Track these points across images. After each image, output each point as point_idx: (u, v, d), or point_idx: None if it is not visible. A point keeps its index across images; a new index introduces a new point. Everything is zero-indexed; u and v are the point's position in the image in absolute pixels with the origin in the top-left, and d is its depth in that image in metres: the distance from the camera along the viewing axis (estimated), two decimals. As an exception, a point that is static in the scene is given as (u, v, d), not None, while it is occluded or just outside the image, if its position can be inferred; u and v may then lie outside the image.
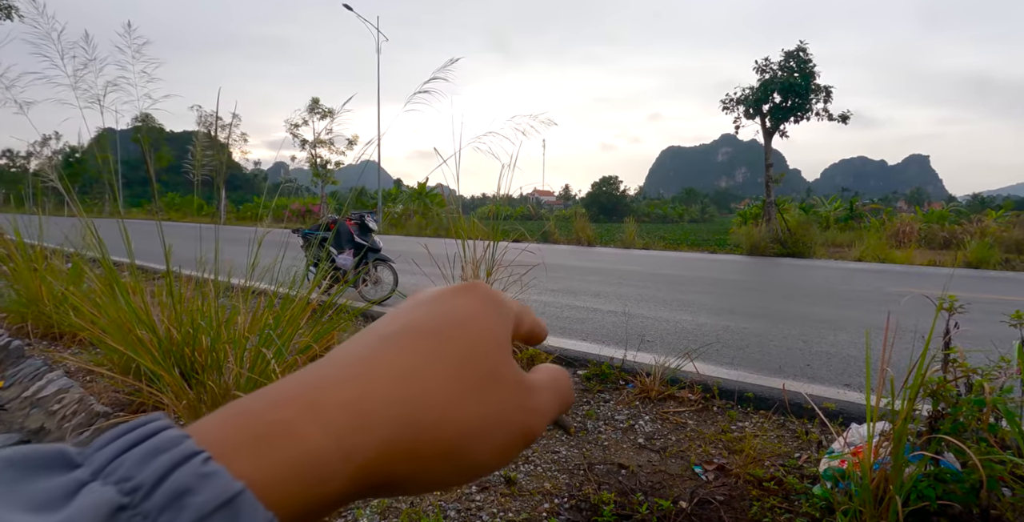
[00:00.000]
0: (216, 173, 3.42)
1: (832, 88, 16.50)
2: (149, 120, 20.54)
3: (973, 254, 13.59)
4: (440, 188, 31.22)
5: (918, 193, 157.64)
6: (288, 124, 27.57)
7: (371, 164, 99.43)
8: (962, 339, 2.73)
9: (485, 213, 22.77)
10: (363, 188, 36.53)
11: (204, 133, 3.31)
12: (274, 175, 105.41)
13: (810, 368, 4.29)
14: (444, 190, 29.37)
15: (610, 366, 4.05)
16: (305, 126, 29.01)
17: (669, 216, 69.95)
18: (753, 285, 9.35)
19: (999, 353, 2.36)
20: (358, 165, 4.33)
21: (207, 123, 33.16)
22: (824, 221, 30.72)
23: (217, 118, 3.18)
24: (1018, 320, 2.53)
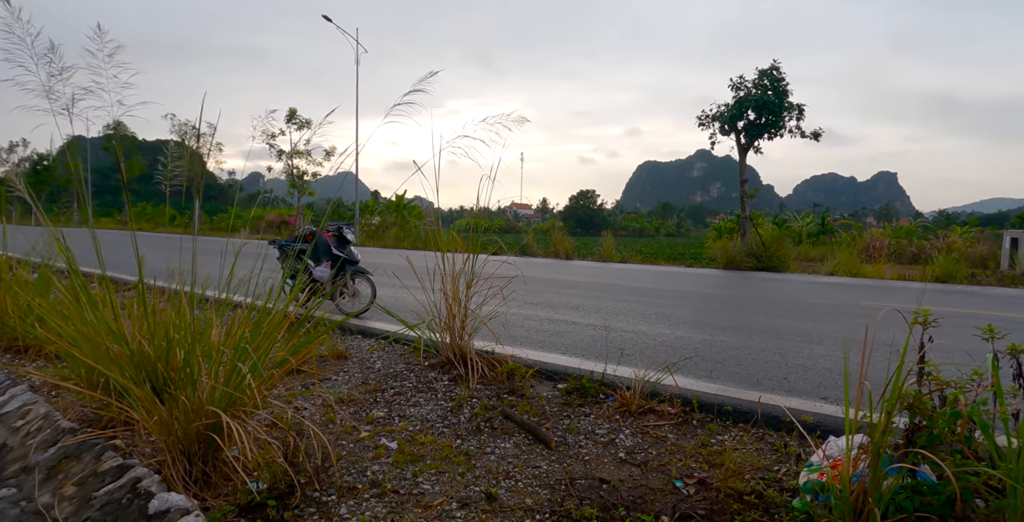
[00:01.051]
0: (190, 183, 3.36)
1: (804, 106, 16.88)
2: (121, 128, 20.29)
3: (941, 269, 13.92)
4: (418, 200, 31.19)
5: (887, 209, 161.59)
6: (264, 134, 27.30)
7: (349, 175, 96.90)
8: (935, 352, 2.78)
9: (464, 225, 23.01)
10: (340, 199, 36.24)
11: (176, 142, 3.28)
12: (250, 185, 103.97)
13: (787, 381, 4.33)
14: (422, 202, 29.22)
15: (590, 380, 4.04)
16: (282, 136, 28.77)
17: (646, 230, 70.56)
18: (730, 299, 9.45)
19: (972, 366, 2.40)
20: (336, 176, 4.28)
21: (181, 132, 32.75)
22: (797, 236, 31.28)
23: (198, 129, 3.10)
24: (990, 334, 2.58)
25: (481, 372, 4.23)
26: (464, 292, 4.51)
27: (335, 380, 4.27)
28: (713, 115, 17.68)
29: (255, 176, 70.66)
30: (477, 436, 3.18)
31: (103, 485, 2.57)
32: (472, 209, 4.76)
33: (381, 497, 2.48)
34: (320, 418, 3.41)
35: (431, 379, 4.27)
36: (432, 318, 4.50)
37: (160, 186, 2.76)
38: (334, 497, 2.46)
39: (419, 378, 4.27)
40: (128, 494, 2.49)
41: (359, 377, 4.33)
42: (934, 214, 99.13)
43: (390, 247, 22.00)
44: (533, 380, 4.29)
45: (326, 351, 4.94)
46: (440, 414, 3.52)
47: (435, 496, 2.49)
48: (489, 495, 2.48)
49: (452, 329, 4.46)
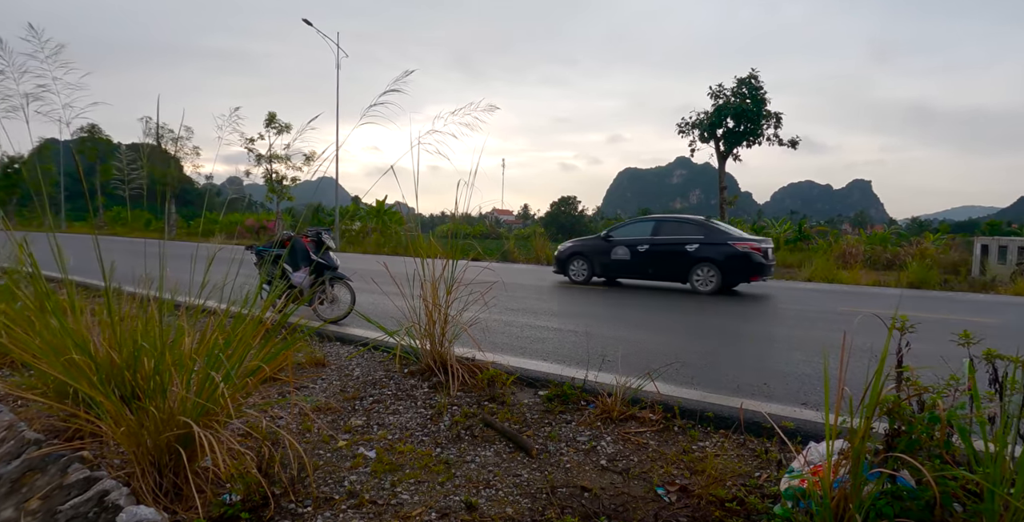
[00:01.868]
0: (164, 186, 3.32)
1: (782, 114, 17.15)
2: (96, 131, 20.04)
3: (915, 275, 14.18)
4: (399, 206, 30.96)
5: (862, 216, 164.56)
6: (242, 137, 26.98)
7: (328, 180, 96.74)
8: (911, 357, 2.80)
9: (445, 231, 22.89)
10: (319, 204, 35.96)
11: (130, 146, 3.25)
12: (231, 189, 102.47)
13: (767, 387, 4.34)
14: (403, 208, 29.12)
15: (571, 386, 4.01)
16: (261, 140, 28.46)
17: (626, 236, 70.99)
18: (709, 305, 9.51)
19: (949, 371, 2.42)
20: (315, 181, 4.25)
21: (157, 135, 32.24)
22: (775, 242, 31.72)
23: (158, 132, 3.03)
24: (966, 339, 2.61)
25: (462, 379, 4.18)
26: (444, 298, 4.47)
27: (313, 388, 4.19)
28: (693, 122, 17.88)
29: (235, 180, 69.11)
30: (457, 444, 3.13)
31: (69, 498, 2.48)
32: (452, 214, 4.71)
33: (359, 508, 2.42)
34: (297, 427, 3.34)
35: (411, 386, 4.21)
36: (412, 324, 4.45)
37: (128, 190, 2.69)
38: (310, 508, 2.40)
39: (399, 385, 4.21)
40: (95, 507, 2.40)
41: (337, 385, 4.26)
42: (907, 221, 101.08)
43: (370, 253, 21.84)
44: (514, 387, 4.25)
45: (304, 358, 4.86)
46: (420, 422, 3.47)
47: (414, 506, 2.44)
48: (469, 505, 2.44)
49: (432, 335, 4.41)
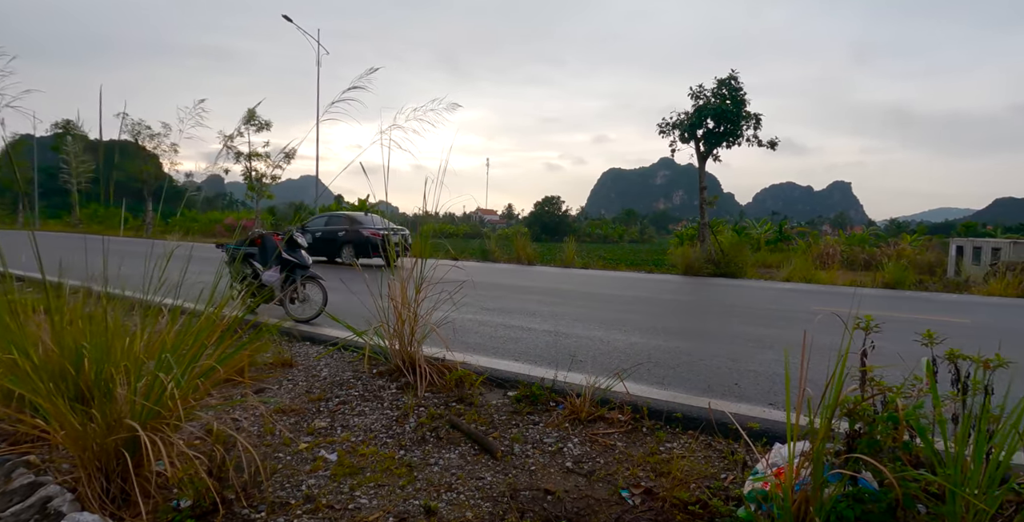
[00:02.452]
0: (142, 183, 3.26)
1: (761, 116, 17.25)
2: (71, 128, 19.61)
3: (890, 275, 14.35)
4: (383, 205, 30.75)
5: (841, 217, 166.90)
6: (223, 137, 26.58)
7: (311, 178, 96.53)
8: (879, 357, 2.79)
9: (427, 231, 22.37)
10: (302, 203, 35.65)
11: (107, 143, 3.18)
12: (211, 188, 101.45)
13: (738, 387, 4.33)
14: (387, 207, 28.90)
15: (540, 387, 3.97)
16: (241, 138, 28.10)
17: (610, 236, 71.22)
18: (686, 304, 9.53)
19: (914, 372, 2.41)
20: (298, 179, 4.15)
21: (135, 132, 31.71)
22: (755, 243, 32.00)
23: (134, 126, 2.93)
24: (928, 339, 2.60)
25: (430, 380, 4.12)
26: (414, 297, 4.41)
27: (278, 389, 4.11)
28: (673, 123, 17.93)
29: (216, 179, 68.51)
30: (422, 446, 3.07)
31: (11, 504, 2.39)
32: (424, 212, 4.65)
33: (314, 513, 2.35)
34: (258, 429, 3.26)
35: (378, 387, 4.14)
36: (381, 324, 4.38)
37: (67, 185, 2.60)
38: (263, 514, 2.33)
39: (366, 386, 4.14)
40: (36, 514, 2.31)
41: (304, 386, 4.18)
42: (886, 222, 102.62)
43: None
44: (483, 388, 4.20)
45: (271, 359, 4.77)
46: (385, 424, 3.40)
47: (372, 511, 2.38)
48: (428, 509, 2.38)
49: (401, 335, 4.34)
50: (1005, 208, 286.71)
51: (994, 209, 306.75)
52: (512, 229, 59.54)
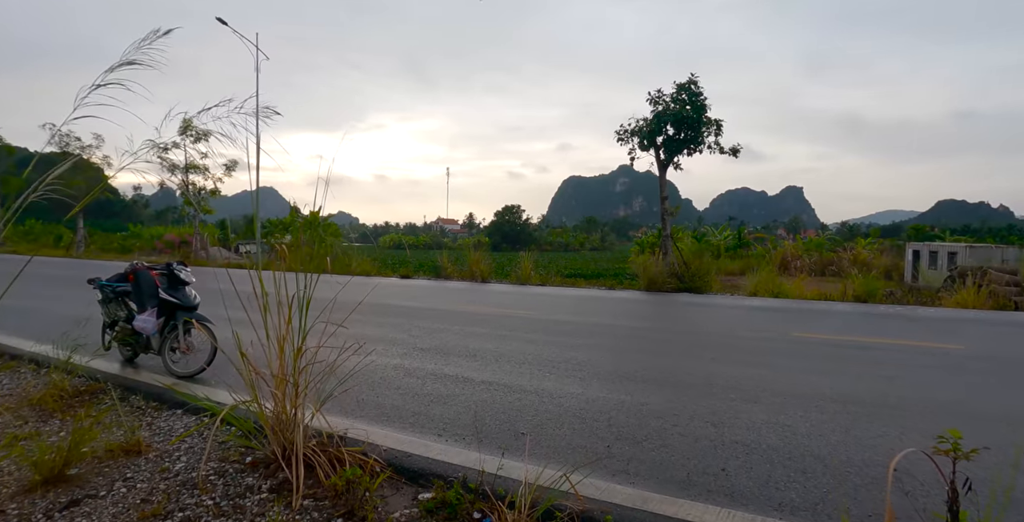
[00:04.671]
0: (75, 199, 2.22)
1: (723, 121, 16.54)
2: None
3: (860, 287, 13.70)
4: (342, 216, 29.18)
5: (795, 221, 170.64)
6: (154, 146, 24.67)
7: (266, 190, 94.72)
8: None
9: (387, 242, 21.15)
10: (255, 216, 33.79)
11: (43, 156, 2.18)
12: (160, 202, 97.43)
13: (726, 474, 3.27)
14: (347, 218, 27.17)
15: (463, 487, 2.86)
16: (176, 149, 26.19)
17: (571, 244, 70.65)
18: (651, 334, 8.52)
19: None
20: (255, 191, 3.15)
21: (63, 144, 29.43)
22: (716, 250, 31.61)
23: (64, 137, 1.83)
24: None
25: (316, 477, 2.99)
26: (297, 341, 3.24)
27: (104, 497, 2.91)
28: (632, 130, 17.08)
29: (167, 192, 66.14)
30: None
31: None
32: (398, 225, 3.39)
33: None
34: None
35: (245, 489, 2.99)
36: (251, 393, 3.21)
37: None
38: None
39: (228, 488, 2.97)
40: None
41: (143, 489, 2.99)
42: (837, 226, 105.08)
43: (295, 270, 20.12)
44: (387, 487, 3.06)
45: (123, 439, 3.57)
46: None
47: None
48: None
49: (278, 407, 3.17)
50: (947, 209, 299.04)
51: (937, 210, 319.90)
52: (473, 239, 58.33)
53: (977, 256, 20.36)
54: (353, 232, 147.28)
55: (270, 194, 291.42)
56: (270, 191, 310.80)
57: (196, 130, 26.46)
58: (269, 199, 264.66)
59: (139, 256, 30.38)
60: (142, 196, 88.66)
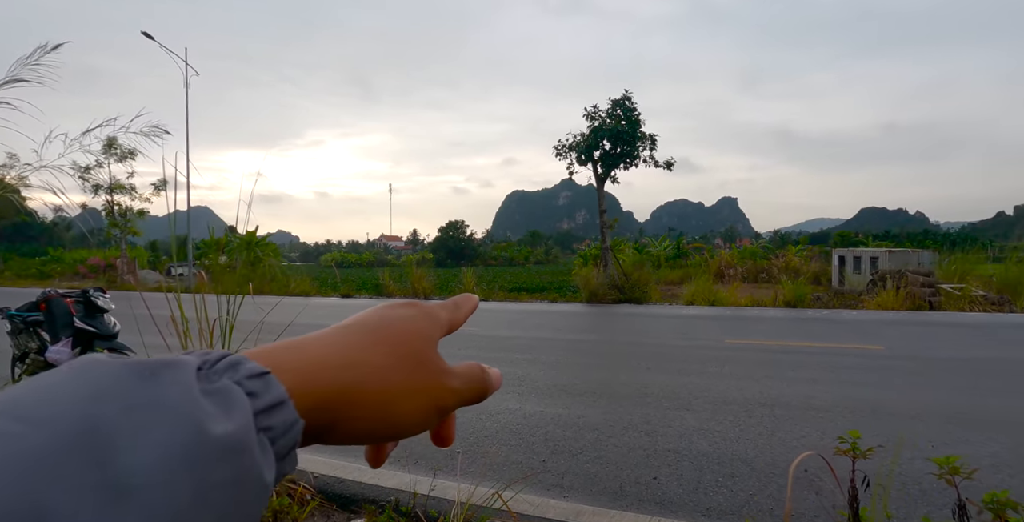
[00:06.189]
0: None
1: (657, 136, 17.07)
2: None
3: (789, 293, 14.31)
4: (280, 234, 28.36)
5: (731, 231, 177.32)
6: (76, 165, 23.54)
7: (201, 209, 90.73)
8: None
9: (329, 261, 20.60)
10: (187, 237, 32.52)
11: None
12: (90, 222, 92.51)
13: (658, 483, 3.34)
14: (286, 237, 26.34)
15: (395, 511, 2.82)
16: (99, 168, 25.02)
17: (515, 258, 70.96)
18: (591, 346, 8.64)
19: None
20: (185, 211, 2.95)
21: (-29, 164, 27.61)
22: (656, 260, 32.41)
23: None
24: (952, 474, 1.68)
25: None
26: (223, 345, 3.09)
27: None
28: (570, 145, 17.42)
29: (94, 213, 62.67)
30: None
31: None
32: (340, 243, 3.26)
33: None
34: None
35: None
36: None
37: None
38: None
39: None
40: None
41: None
42: (770, 234, 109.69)
43: (230, 293, 19.43)
44: (317, 515, 2.97)
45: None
46: None
47: None
48: None
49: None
50: (870, 216, 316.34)
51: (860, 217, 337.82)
52: (417, 255, 57.86)
53: (896, 260, 21.56)
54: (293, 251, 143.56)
55: (204, 213, 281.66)
56: (204, 210, 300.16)
57: (121, 148, 25.42)
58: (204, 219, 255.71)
59: (60, 282, 28.71)
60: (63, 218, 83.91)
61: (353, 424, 0.30)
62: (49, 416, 0.18)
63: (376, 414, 0.30)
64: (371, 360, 0.31)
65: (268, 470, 0.23)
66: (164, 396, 0.21)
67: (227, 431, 0.22)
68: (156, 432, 0.20)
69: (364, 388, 0.30)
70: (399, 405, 0.31)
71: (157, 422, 0.20)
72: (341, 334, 0.32)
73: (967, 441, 3.96)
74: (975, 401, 4.97)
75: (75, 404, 0.19)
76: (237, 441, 0.22)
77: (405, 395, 0.31)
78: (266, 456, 0.23)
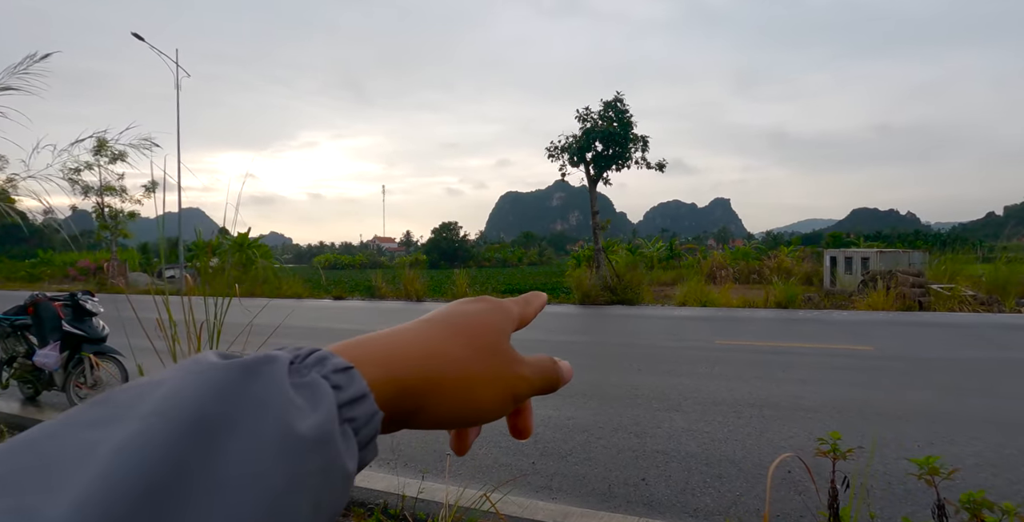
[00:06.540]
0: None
1: (648, 138, 17.12)
2: None
3: (780, 293, 14.38)
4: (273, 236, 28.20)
5: (724, 232, 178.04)
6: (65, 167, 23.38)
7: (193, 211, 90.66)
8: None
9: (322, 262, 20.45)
10: (178, 239, 32.36)
11: None
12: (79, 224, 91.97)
13: (646, 484, 3.35)
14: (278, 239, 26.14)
15: (383, 513, 2.82)
16: (89, 170, 24.84)
17: (509, 260, 70.93)
18: (582, 348, 8.65)
19: None
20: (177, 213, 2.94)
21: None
22: (649, 261, 32.50)
23: None
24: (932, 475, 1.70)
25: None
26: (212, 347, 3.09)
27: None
28: (562, 147, 17.45)
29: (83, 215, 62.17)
30: None
31: None
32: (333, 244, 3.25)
33: None
34: None
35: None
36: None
37: None
38: None
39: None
40: None
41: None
42: (763, 235, 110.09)
43: (222, 295, 19.35)
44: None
45: None
46: None
47: None
48: None
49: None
50: (862, 217, 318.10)
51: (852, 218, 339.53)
52: (410, 257, 57.67)
53: (887, 261, 21.69)
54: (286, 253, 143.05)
55: (196, 215, 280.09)
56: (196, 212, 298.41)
57: (112, 150, 25.28)
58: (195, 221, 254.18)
59: (49, 284, 28.49)
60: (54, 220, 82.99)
61: (437, 410, 0.32)
62: (172, 408, 0.21)
63: (457, 401, 0.32)
64: (450, 351, 0.33)
65: (351, 459, 0.25)
66: (261, 391, 0.23)
67: (314, 423, 0.23)
68: (253, 424, 0.22)
69: (445, 376, 0.32)
70: (478, 392, 0.33)
71: (255, 415, 0.22)
72: (422, 327, 0.34)
73: (953, 441, 4.00)
74: (962, 401, 5.01)
75: (192, 400, 0.22)
76: (324, 432, 0.23)
77: (483, 383, 0.33)
78: (349, 446, 0.25)
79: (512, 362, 0.36)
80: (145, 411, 0.21)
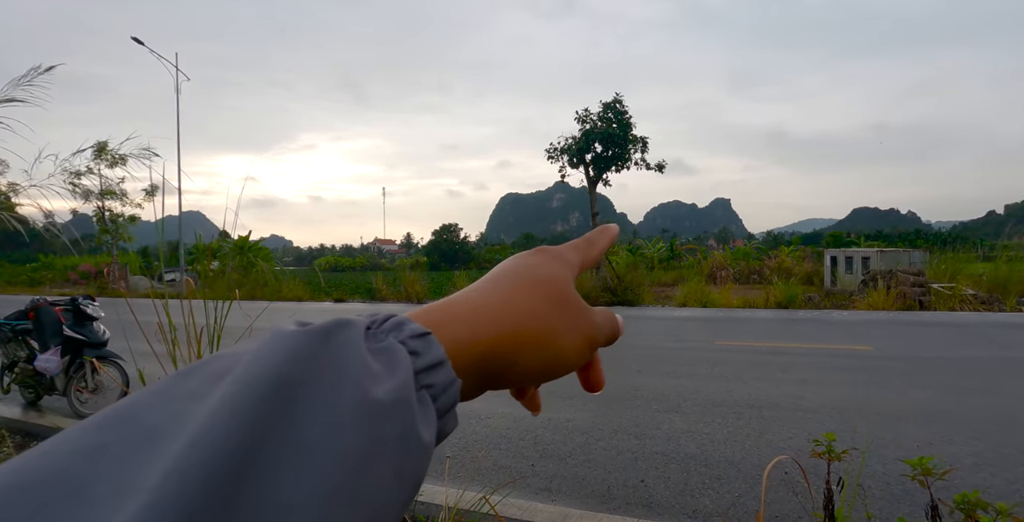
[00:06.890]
0: None
1: (648, 139, 17.14)
2: None
3: (781, 293, 14.39)
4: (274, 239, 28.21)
5: (724, 232, 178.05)
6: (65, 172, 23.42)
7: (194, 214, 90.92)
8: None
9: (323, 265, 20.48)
10: (179, 242, 32.40)
11: None
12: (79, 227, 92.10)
13: (645, 485, 3.36)
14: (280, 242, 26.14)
15: None
16: (90, 174, 24.88)
17: (510, 261, 70.84)
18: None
19: None
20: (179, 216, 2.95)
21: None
22: (650, 262, 32.50)
23: None
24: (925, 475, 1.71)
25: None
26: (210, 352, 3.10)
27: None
28: (562, 148, 17.48)
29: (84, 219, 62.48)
30: None
31: None
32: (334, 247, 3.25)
33: None
34: None
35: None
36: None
37: None
38: None
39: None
40: None
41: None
42: (763, 235, 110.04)
43: (223, 298, 19.37)
44: None
45: None
46: None
47: None
48: None
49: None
50: (862, 216, 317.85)
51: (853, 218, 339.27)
52: (411, 259, 57.70)
53: (887, 260, 21.68)
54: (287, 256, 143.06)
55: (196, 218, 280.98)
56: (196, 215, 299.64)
57: (112, 154, 25.33)
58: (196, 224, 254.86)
59: (51, 288, 28.50)
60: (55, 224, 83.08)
61: (527, 364, 0.32)
62: (254, 374, 0.21)
63: (545, 353, 0.32)
64: (529, 305, 0.33)
65: (429, 426, 0.24)
66: (338, 355, 0.23)
67: (390, 388, 0.23)
68: (331, 388, 0.22)
69: (528, 331, 0.32)
70: (559, 342, 0.33)
71: (331, 379, 0.22)
72: (494, 286, 0.34)
73: (952, 440, 4.00)
74: (962, 400, 5.02)
75: (271, 365, 0.21)
76: (400, 398, 0.23)
77: (564, 334, 0.33)
78: (427, 413, 0.25)
79: (585, 310, 0.36)
80: (229, 379, 0.21)
